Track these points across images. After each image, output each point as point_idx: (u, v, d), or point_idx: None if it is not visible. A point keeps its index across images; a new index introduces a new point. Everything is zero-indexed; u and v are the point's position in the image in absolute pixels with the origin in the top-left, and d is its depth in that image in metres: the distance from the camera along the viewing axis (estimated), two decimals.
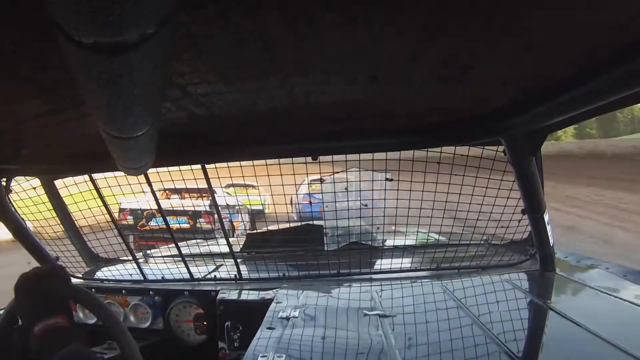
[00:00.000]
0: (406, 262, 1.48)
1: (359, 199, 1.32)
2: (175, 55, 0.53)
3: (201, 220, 4.93)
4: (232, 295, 1.31)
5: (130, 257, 1.54)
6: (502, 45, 0.58)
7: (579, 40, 0.56)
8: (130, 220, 4.63)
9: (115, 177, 1.32)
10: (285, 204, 1.43)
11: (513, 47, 0.58)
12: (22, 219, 1.31)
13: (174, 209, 4.36)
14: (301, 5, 0.44)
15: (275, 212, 1.59)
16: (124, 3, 0.27)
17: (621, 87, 0.61)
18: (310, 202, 1.51)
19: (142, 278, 1.48)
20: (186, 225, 4.71)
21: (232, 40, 0.51)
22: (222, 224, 1.45)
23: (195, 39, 0.49)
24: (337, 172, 1.27)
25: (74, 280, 1.51)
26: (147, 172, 1.12)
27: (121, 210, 4.44)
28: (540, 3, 0.47)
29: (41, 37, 0.44)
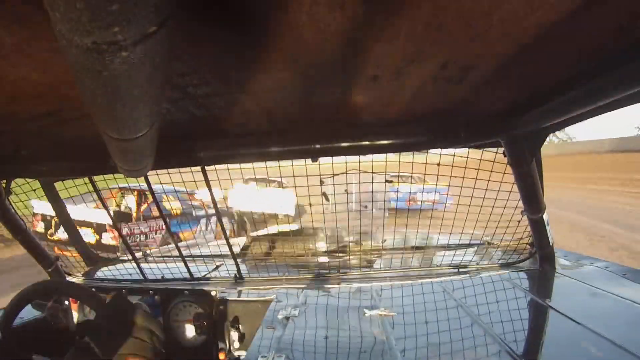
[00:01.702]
0: (406, 263, 1.48)
1: (359, 200, 1.32)
2: (175, 56, 0.53)
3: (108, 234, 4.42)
4: (232, 295, 1.31)
5: (130, 257, 1.54)
6: (502, 47, 0.58)
7: (578, 41, 0.56)
8: (41, 227, 4.42)
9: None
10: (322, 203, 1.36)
11: (512, 49, 0.58)
12: (22, 219, 1.31)
13: (84, 220, 4.10)
14: (302, 6, 0.44)
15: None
16: (124, 3, 0.27)
17: (620, 87, 0.61)
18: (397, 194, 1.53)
19: (142, 278, 1.48)
20: (91, 241, 4.35)
21: (232, 41, 0.51)
22: (221, 224, 1.44)
23: (195, 39, 0.49)
24: (337, 174, 1.26)
25: (74, 280, 1.51)
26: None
27: (33, 214, 4.24)
28: (540, 4, 0.47)
29: (41, 37, 0.44)
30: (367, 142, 0.99)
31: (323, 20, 0.48)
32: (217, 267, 1.57)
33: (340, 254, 1.51)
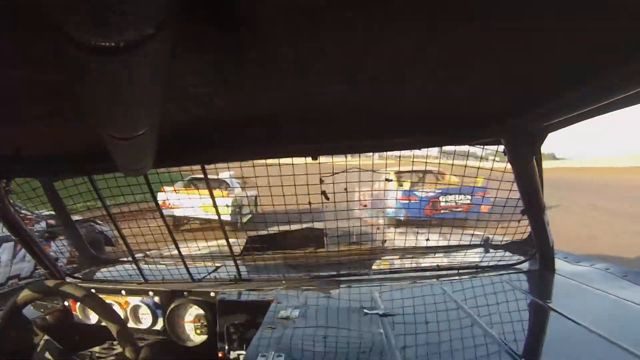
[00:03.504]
0: (406, 263, 1.48)
1: (359, 199, 1.32)
2: (175, 56, 0.53)
3: None
4: (232, 295, 1.30)
5: (130, 258, 1.53)
6: (502, 46, 0.58)
7: (578, 40, 0.56)
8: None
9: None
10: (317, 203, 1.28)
11: (513, 48, 0.58)
12: (22, 219, 1.31)
13: None
14: (302, 6, 0.44)
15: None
16: (124, 4, 0.27)
17: (621, 87, 0.61)
18: (409, 199, 1.32)
19: (142, 279, 1.48)
20: None
21: (233, 41, 0.51)
22: (221, 224, 1.44)
23: (195, 39, 0.49)
24: (337, 173, 1.26)
25: (73, 281, 1.51)
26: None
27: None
28: (539, 4, 0.47)
29: (41, 38, 0.44)
30: (367, 142, 0.99)
31: (323, 20, 0.48)
32: (217, 268, 1.57)
33: (340, 255, 1.50)
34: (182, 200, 1.36)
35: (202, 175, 1.27)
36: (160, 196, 1.56)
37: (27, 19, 0.41)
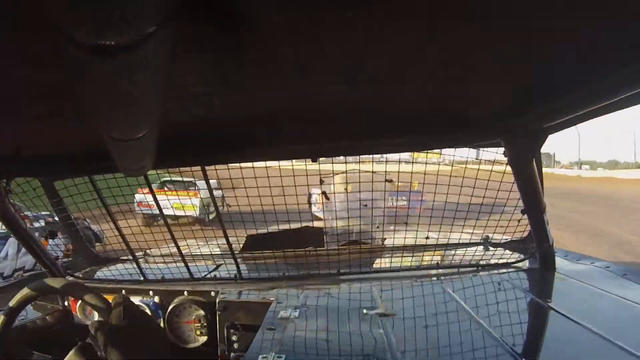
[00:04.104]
0: (406, 262, 1.48)
1: (359, 199, 1.33)
2: (175, 56, 0.53)
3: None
4: (233, 295, 1.31)
5: (130, 257, 1.53)
6: (502, 46, 0.58)
7: (579, 41, 0.56)
8: None
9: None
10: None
11: (513, 48, 0.58)
12: (22, 219, 1.31)
13: None
14: (302, 6, 0.44)
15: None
16: (124, 4, 0.27)
17: (621, 88, 0.61)
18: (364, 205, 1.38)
19: (142, 278, 1.48)
20: None
21: (233, 41, 0.51)
22: (221, 223, 1.44)
23: (195, 39, 0.49)
24: (338, 173, 1.27)
25: (74, 279, 1.51)
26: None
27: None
28: (539, 4, 0.47)
29: (41, 38, 0.44)
30: (367, 142, 0.99)
31: (323, 20, 0.48)
32: (217, 267, 1.57)
33: (340, 254, 1.51)
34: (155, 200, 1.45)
35: (172, 178, 1.28)
36: (137, 197, 1.65)
37: (27, 19, 0.41)
